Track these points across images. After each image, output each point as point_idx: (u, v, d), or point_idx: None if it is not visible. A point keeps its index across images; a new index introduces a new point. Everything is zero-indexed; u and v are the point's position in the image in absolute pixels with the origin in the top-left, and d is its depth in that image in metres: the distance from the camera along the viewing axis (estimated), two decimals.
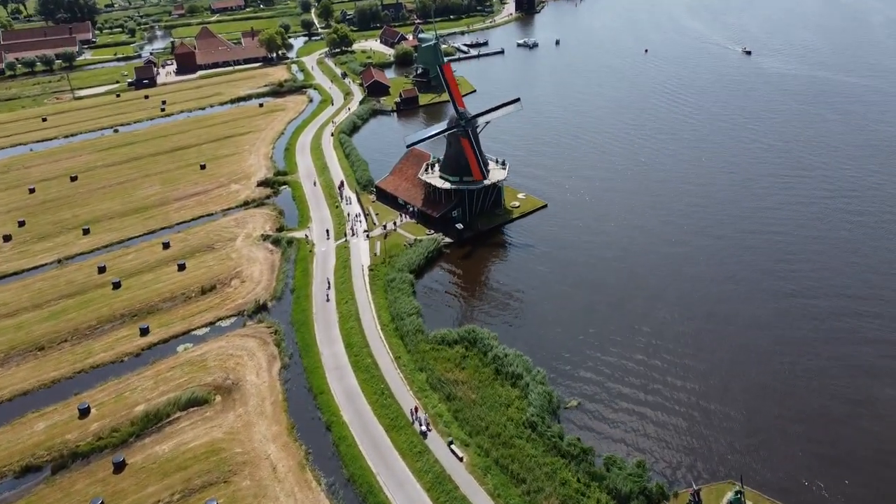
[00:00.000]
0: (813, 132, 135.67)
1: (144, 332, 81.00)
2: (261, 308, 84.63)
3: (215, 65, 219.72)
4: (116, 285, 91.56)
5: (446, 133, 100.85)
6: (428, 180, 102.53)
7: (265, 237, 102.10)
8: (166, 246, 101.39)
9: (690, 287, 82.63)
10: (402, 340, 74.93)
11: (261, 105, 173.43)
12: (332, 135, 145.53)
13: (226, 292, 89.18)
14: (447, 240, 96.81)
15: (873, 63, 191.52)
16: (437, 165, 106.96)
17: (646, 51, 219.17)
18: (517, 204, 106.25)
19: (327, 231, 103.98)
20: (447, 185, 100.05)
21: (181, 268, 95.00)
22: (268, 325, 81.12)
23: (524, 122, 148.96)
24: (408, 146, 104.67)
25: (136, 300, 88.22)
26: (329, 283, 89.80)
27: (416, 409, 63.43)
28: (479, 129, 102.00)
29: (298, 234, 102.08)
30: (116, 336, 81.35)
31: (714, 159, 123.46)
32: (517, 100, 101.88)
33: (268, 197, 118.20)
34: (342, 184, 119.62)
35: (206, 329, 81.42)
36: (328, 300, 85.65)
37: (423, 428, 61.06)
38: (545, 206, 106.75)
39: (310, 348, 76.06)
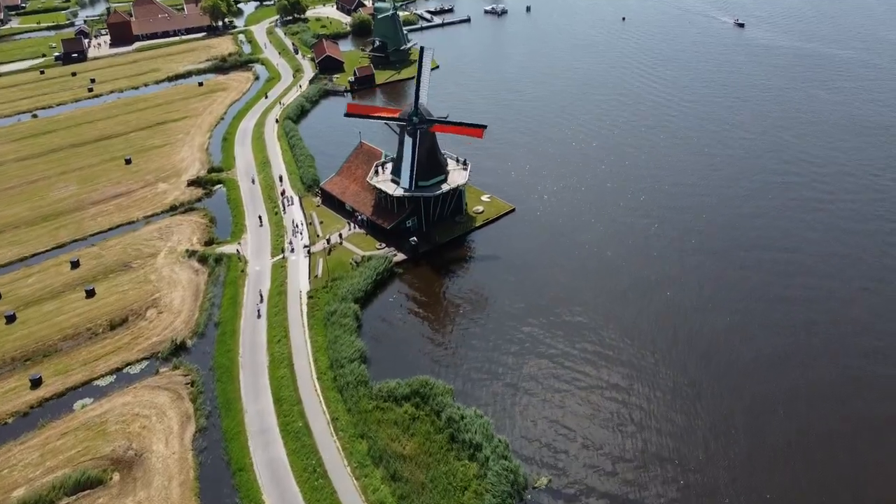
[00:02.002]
0: (815, 123, 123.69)
1: (36, 383, 67.83)
2: (178, 348, 71.76)
3: (154, 35, 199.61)
4: (10, 319, 77.86)
5: (419, 140, 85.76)
6: (378, 185, 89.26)
7: (191, 253, 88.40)
8: (75, 265, 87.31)
9: (681, 320, 71.31)
10: (342, 395, 63.05)
11: (200, 84, 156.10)
12: (278, 121, 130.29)
13: (139, 327, 75.95)
14: (400, 256, 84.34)
15: (883, 37, 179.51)
16: (389, 165, 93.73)
17: (623, 19, 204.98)
18: (481, 209, 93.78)
19: (260, 218, 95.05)
20: (399, 192, 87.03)
21: (89, 294, 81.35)
22: (184, 372, 68.47)
23: (490, 106, 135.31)
24: (408, 189, 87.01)
25: (32, 339, 74.69)
26: (261, 296, 78.86)
27: None
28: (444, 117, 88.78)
29: (230, 249, 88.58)
30: (2, 389, 68.05)
31: (702, 151, 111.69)
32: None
33: (199, 199, 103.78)
34: (282, 180, 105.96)
35: (110, 378, 68.51)
36: (259, 317, 75.18)
37: None
38: (513, 210, 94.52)
39: (232, 405, 63.78)
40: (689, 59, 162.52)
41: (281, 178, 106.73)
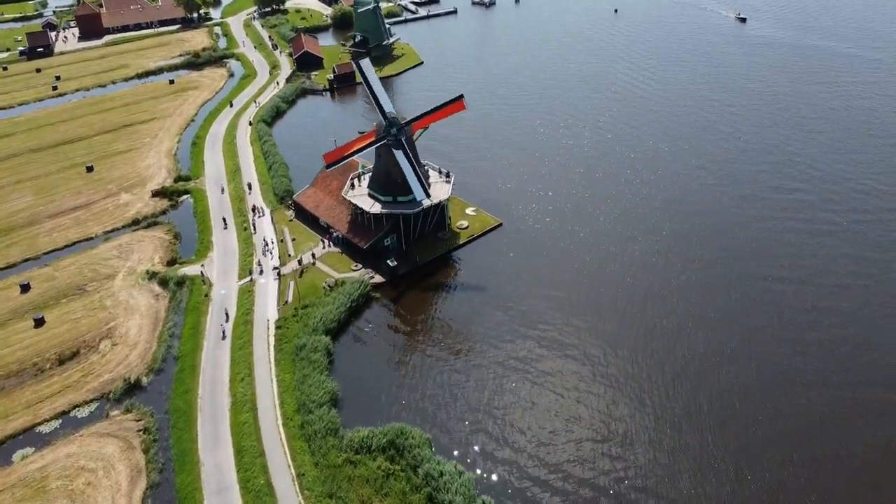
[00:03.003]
0: (822, 131, 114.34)
1: None
2: (132, 387, 65.38)
3: (125, 28, 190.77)
4: None
5: (408, 147, 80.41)
6: (353, 200, 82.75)
7: (151, 275, 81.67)
8: (25, 288, 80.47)
9: (675, 365, 64.80)
10: (309, 445, 56.97)
11: (171, 82, 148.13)
12: (251, 123, 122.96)
13: (90, 361, 69.40)
14: (377, 278, 78.10)
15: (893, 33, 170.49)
16: (366, 177, 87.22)
17: (615, 11, 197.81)
18: (465, 224, 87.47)
19: (224, 220, 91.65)
20: (377, 209, 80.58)
21: (38, 323, 74.62)
22: (137, 417, 62.07)
23: (475, 108, 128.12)
24: (420, 200, 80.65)
25: None
26: (227, 315, 73.61)
27: None
28: (415, 137, 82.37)
29: (193, 270, 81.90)
30: None
31: (700, 163, 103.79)
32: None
33: (164, 212, 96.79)
34: (250, 188, 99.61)
35: (55, 423, 62.04)
36: (224, 338, 70.29)
37: None
38: (500, 224, 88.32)
39: (188, 456, 57.57)
40: (686, 57, 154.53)
41: (250, 186, 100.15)
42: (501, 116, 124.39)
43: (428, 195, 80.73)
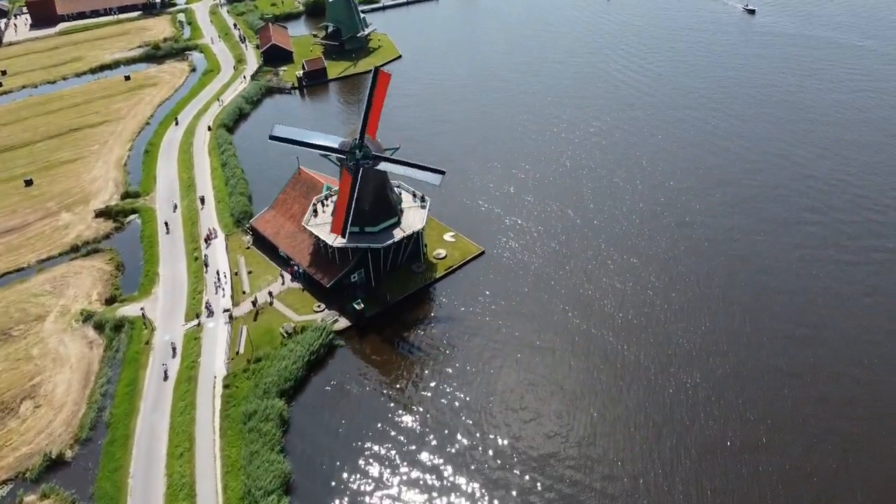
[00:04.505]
0: (839, 144, 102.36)
1: None
2: (54, 463, 56.26)
3: (81, 15, 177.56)
4: None
5: (393, 162, 71.65)
6: (315, 231, 73.02)
7: (86, 316, 71.95)
8: None
9: (678, 449, 57.36)
10: None
11: (127, 78, 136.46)
12: (210, 128, 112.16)
13: (7, 429, 59.97)
14: (341, 321, 69.00)
15: None
16: (331, 202, 77.54)
17: None
18: (443, 253, 78.30)
19: (166, 224, 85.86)
20: (341, 241, 71.07)
21: None
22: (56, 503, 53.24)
23: (458, 113, 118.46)
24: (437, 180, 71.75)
25: None
26: (174, 349, 66.56)
27: None
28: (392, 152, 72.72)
29: (134, 310, 72.31)
30: None
31: (704, 184, 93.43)
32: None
33: (107, 236, 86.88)
34: (203, 202, 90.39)
35: None
36: (166, 379, 63.01)
37: None
38: (482, 253, 79.32)
39: None
40: (686, 55, 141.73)
41: (203, 200, 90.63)
42: (485, 123, 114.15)
43: (442, 171, 71.05)
